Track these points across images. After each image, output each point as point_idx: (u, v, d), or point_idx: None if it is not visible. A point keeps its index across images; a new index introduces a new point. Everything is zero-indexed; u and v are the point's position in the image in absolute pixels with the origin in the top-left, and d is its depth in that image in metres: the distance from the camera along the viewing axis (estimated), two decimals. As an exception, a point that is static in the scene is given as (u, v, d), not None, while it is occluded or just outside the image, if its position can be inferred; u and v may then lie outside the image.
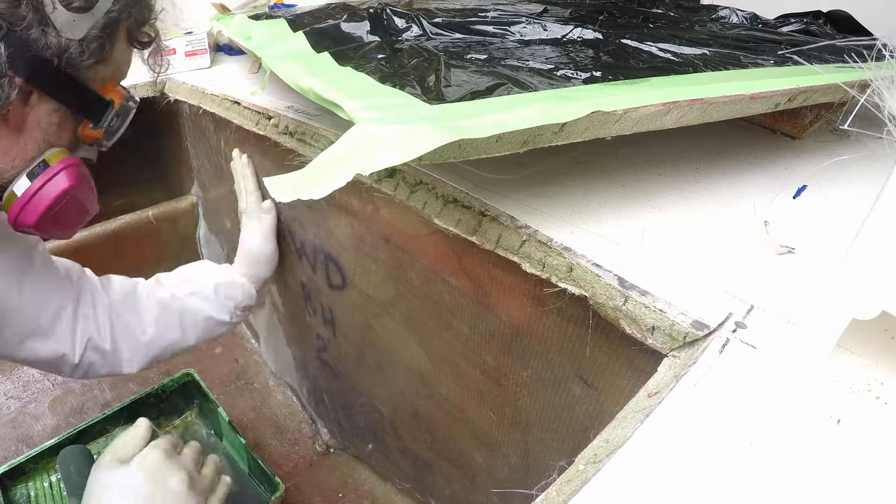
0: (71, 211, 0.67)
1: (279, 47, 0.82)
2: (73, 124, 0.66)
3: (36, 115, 0.61)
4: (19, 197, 0.62)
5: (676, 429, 0.39)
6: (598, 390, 0.57)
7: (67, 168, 0.64)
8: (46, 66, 0.59)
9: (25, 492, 1.01)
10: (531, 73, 0.66)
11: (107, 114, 0.68)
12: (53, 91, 0.61)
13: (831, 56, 0.82)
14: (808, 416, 0.40)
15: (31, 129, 0.61)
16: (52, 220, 0.65)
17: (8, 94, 0.56)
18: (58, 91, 0.61)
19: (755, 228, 0.61)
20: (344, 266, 0.90)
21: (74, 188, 0.65)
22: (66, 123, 0.65)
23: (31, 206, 0.63)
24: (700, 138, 0.81)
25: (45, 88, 0.60)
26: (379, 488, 1.09)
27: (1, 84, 0.55)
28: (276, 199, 0.46)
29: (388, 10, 0.87)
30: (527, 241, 0.57)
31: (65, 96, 0.62)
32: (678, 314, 0.48)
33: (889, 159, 0.45)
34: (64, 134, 0.65)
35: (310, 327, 1.08)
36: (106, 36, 0.63)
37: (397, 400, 0.93)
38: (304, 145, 0.83)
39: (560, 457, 0.63)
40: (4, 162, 0.61)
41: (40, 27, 0.56)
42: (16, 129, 0.60)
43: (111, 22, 0.63)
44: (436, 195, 0.65)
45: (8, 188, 0.63)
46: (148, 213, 1.37)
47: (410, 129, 0.46)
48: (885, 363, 0.45)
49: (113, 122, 0.69)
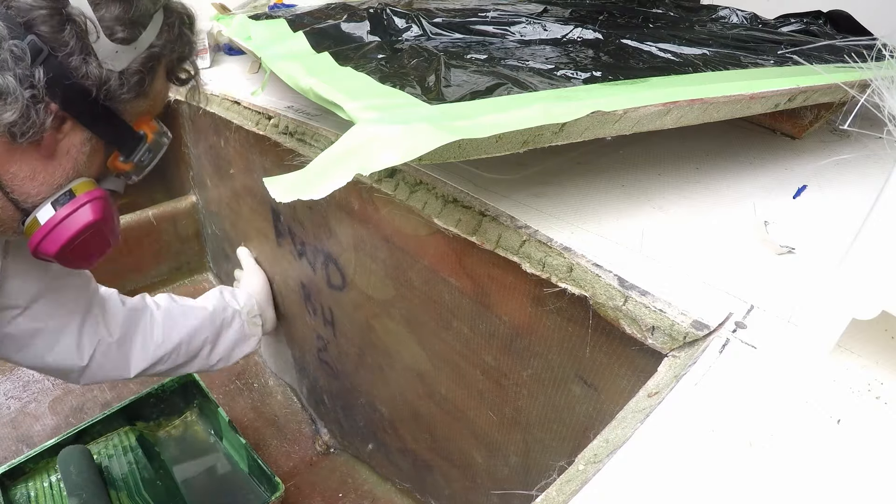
0: (93, 244, 0.65)
1: (279, 47, 0.82)
2: (103, 156, 0.65)
3: (68, 142, 0.60)
4: (42, 225, 0.61)
5: (676, 429, 0.39)
6: (598, 390, 0.57)
7: (94, 201, 0.63)
8: (84, 96, 0.57)
9: (25, 492, 1.01)
10: (531, 73, 0.66)
11: (139, 148, 0.67)
12: (88, 122, 0.60)
13: (831, 56, 0.82)
14: (808, 416, 0.40)
15: (61, 156, 0.60)
16: (74, 251, 0.63)
17: (43, 121, 0.55)
18: (93, 122, 0.60)
19: (755, 228, 0.61)
20: (344, 266, 0.90)
21: (99, 223, 0.63)
22: (97, 154, 0.63)
23: (53, 236, 0.61)
24: (700, 138, 0.81)
25: (80, 118, 0.59)
26: (379, 488, 1.09)
27: (37, 109, 0.54)
28: (276, 199, 0.46)
29: (388, 11, 0.87)
30: (527, 241, 0.57)
31: (99, 128, 0.61)
32: (678, 314, 0.48)
33: (889, 159, 0.45)
34: (94, 165, 0.64)
35: (310, 327, 1.08)
36: (146, 70, 0.62)
37: (397, 400, 0.93)
38: (304, 145, 0.83)
39: (560, 457, 0.63)
40: (31, 187, 0.59)
41: (82, 55, 0.56)
42: (46, 155, 0.59)
43: (153, 56, 0.62)
44: (436, 195, 0.65)
45: (31, 214, 0.61)
46: (148, 213, 1.37)
47: (410, 129, 0.46)
48: (885, 363, 0.45)
49: (144, 156, 0.68)
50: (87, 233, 0.63)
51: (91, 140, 0.62)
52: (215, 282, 1.54)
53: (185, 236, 1.46)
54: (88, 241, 0.64)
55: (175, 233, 1.44)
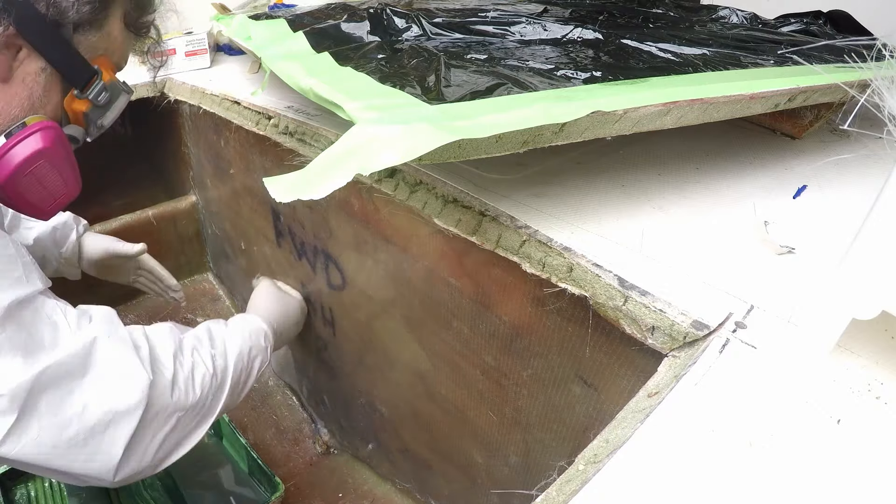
0: (43, 179, 0.63)
1: (279, 47, 0.82)
2: (59, 93, 0.64)
3: (23, 71, 0.60)
4: None
5: (676, 429, 0.39)
6: (598, 390, 0.57)
7: (44, 129, 0.62)
8: (37, 20, 0.59)
9: (25, 492, 1.01)
10: (531, 73, 0.66)
11: (94, 83, 0.66)
12: (41, 47, 0.60)
13: (831, 56, 0.82)
14: (808, 416, 0.40)
15: (16, 83, 0.60)
16: (24, 185, 0.62)
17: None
18: (46, 48, 0.61)
19: (755, 228, 0.61)
20: (344, 266, 0.90)
21: (49, 151, 0.62)
22: (53, 88, 0.63)
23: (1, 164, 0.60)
24: (700, 138, 0.81)
25: (33, 42, 0.60)
26: (379, 488, 1.09)
27: None
28: (276, 199, 0.46)
29: (388, 11, 0.87)
30: (527, 241, 0.57)
31: (52, 54, 0.61)
32: (678, 314, 0.48)
33: (889, 159, 0.45)
34: (50, 101, 0.64)
35: (310, 327, 1.08)
36: (99, 1, 0.63)
37: (397, 400, 0.93)
38: (304, 145, 0.83)
39: (560, 457, 0.63)
40: None
41: None
42: (1, 79, 0.59)
43: None
44: (436, 195, 0.65)
45: None
46: (148, 213, 1.37)
47: (410, 129, 0.46)
48: (885, 363, 0.45)
49: (100, 96, 0.67)
50: (37, 163, 0.61)
51: (46, 70, 0.62)
52: (215, 282, 1.54)
53: (185, 236, 1.46)
54: (38, 175, 0.62)
55: (175, 233, 1.44)
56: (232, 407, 0.77)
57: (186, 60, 1.24)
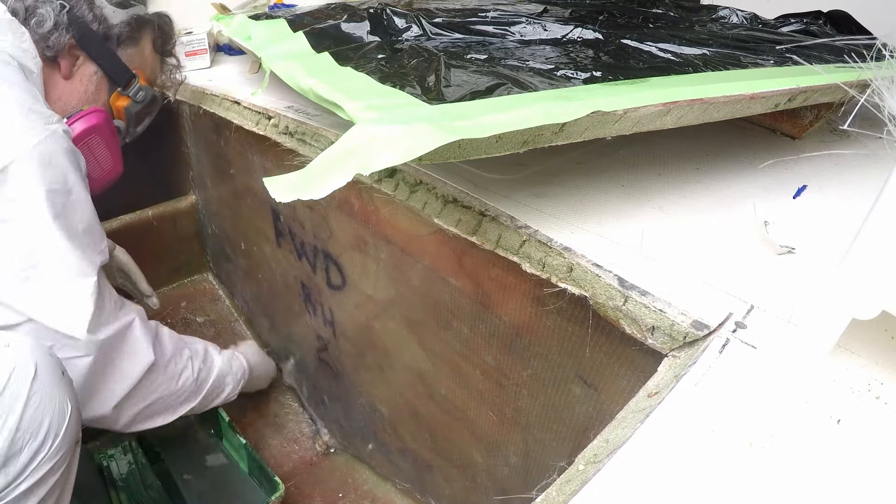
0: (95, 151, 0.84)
1: (279, 47, 0.82)
2: (107, 92, 0.90)
3: (81, 72, 0.87)
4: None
5: (676, 429, 0.39)
6: (598, 390, 0.57)
7: (96, 112, 0.84)
8: (90, 35, 0.86)
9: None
10: (531, 73, 0.66)
11: (133, 84, 0.92)
12: (94, 54, 0.87)
13: (831, 56, 0.82)
14: (808, 416, 0.40)
15: (75, 82, 0.86)
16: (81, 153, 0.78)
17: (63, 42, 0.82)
18: (97, 55, 0.87)
19: (755, 228, 0.61)
20: (344, 266, 0.90)
21: (100, 126, 0.84)
22: (102, 88, 0.89)
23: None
24: (700, 138, 0.81)
25: (88, 51, 0.86)
26: (379, 488, 1.09)
27: (60, 32, 0.82)
28: (276, 199, 0.46)
29: (388, 11, 0.87)
30: (527, 241, 0.57)
31: (101, 60, 0.88)
32: (678, 314, 0.48)
33: (889, 159, 0.45)
34: (99, 97, 0.89)
35: (310, 327, 1.08)
36: (135, 25, 0.91)
37: (397, 400, 0.93)
38: (304, 145, 0.83)
39: (560, 457, 0.63)
40: (57, 107, 0.82)
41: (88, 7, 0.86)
42: (65, 76, 0.85)
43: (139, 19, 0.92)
44: (436, 195, 0.65)
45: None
46: (148, 213, 1.37)
47: (410, 129, 0.46)
48: (885, 363, 0.45)
49: (138, 94, 0.93)
50: (90, 135, 0.83)
51: (97, 73, 0.88)
52: (215, 282, 1.54)
53: (185, 236, 1.46)
54: (92, 146, 0.84)
55: (175, 233, 1.44)
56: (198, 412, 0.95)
57: (186, 60, 1.24)
